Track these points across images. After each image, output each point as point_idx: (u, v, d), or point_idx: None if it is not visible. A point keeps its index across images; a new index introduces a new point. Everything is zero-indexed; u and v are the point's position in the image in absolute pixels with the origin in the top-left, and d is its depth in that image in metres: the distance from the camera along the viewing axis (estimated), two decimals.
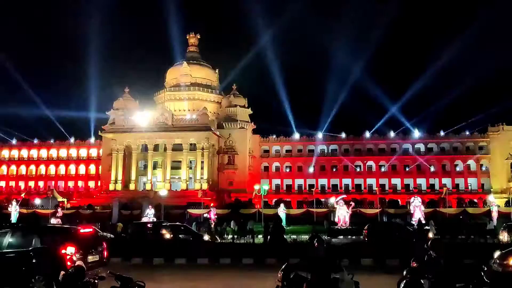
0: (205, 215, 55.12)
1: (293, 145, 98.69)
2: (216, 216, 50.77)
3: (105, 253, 15.31)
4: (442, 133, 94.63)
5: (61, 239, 13.88)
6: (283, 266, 9.80)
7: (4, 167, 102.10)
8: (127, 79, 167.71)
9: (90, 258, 13.97)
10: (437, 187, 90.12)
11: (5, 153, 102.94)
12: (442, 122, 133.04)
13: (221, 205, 67.75)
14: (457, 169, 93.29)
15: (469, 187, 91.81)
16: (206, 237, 33.63)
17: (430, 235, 34.02)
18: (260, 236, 36.66)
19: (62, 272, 8.56)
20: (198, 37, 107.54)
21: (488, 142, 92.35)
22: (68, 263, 12.65)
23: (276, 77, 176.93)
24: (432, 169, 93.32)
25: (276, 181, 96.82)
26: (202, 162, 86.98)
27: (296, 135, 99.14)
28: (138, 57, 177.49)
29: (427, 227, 37.97)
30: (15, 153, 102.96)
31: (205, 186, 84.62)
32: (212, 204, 60.69)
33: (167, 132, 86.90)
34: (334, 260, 9.93)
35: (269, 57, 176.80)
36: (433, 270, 13.00)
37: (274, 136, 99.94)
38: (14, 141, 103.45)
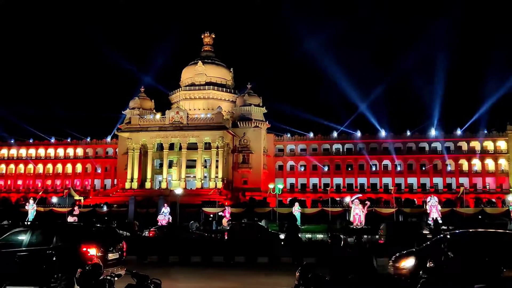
0: (219, 214, 55.34)
1: (307, 144, 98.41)
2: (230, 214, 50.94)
3: (124, 251, 15.37)
4: (459, 132, 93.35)
5: (81, 237, 14.00)
6: (301, 266, 9.75)
7: (21, 166, 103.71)
8: (143, 79, 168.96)
9: (110, 256, 14.01)
10: (454, 186, 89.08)
11: (23, 151, 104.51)
12: (460, 120, 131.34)
13: (235, 203, 67.85)
14: (475, 168, 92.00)
15: (487, 186, 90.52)
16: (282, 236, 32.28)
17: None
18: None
19: (79, 270, 8.62)
20: (213, 36, 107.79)
21: (507, 140, 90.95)
22: (89, 261, 12.72)
23: (291, 76, 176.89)
24: (449, 168, 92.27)
25: (291, 180, 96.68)
26: (217, 161, 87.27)
27: (311, 134, 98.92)
28: (153, 57, 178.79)
29: (443, 227, 37.58)
30: (32, 151, 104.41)
31: (219, 184, 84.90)
32: (226, 203, 60.89)
33: (182, 131, 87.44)
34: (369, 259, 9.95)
35: (284, 56, 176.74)
36: (450, 270, 12.87)
37: (289, 135, 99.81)
38: (31, 140, 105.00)
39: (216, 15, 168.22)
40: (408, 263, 14.22)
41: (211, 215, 56.53)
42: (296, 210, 51.04)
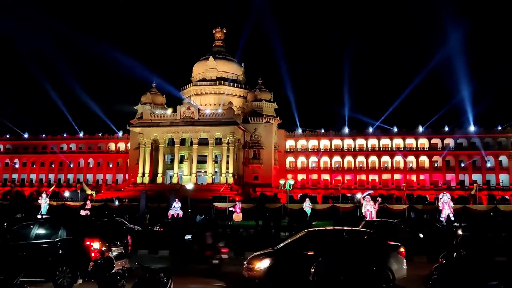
0: (230, 209, 55.50)
1: (319, 140, 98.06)
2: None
3: (130, 246, 15.53)
4: (472, 128, 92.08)
5: (86, 231, 14.17)
6: (315, 263, 9.76)
7: (35, 160, 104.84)
8: (155, 74, 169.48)
9: (115, 250, 14.16)
10: (467, 183, 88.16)
11: (36, 146, 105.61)
12: (473, 116, 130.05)
13: (246, 199, 67.96)
14: (488, 165, 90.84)
15: (501, 183, 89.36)
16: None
17: (459, 232, 33.29)
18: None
19: (91, 263, 8.69)
20: (224, 31, 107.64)
21: None
22: (93, 254, 12.88)
23: (303, 72, 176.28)
24: (461, 164, 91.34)
25: (302, 176, 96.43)
26: (228, 156, 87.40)
27: (322, 130, 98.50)
28: (165, 52, 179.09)
29: (456, 224, 37.24)
30: (45, 146, 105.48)
31: (230, 180, 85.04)
32: (237, 198, 61.03)
33: (193, 126, 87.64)
34: None
35: (295, 51, 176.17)
36: (463, 267, 12.75)
37: (300, 131, 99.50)
38: (44, 135, 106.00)
39: (227, 10, 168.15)
40: (263, 264, 13.81)
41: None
42: (307, 206, 50.99)
